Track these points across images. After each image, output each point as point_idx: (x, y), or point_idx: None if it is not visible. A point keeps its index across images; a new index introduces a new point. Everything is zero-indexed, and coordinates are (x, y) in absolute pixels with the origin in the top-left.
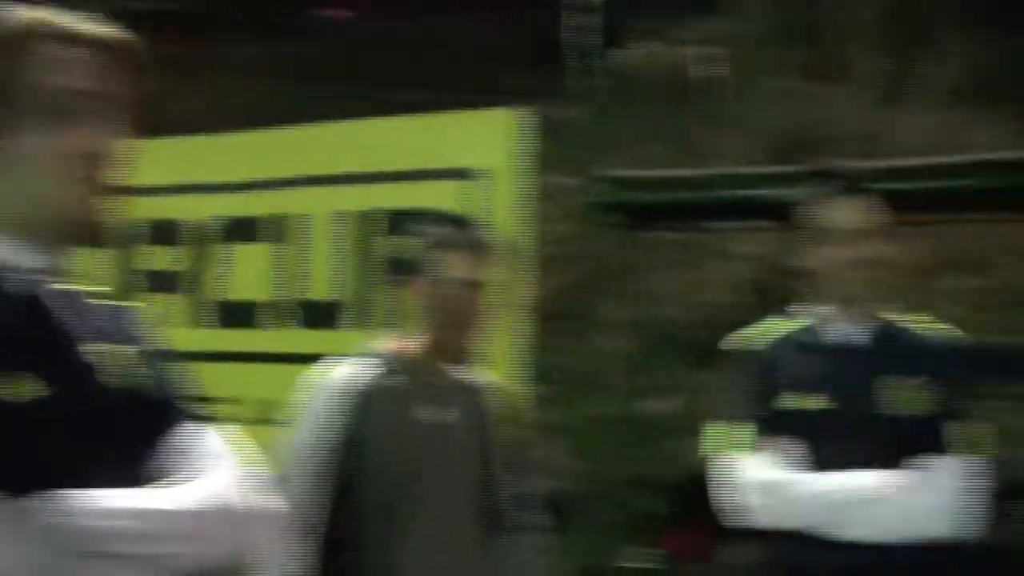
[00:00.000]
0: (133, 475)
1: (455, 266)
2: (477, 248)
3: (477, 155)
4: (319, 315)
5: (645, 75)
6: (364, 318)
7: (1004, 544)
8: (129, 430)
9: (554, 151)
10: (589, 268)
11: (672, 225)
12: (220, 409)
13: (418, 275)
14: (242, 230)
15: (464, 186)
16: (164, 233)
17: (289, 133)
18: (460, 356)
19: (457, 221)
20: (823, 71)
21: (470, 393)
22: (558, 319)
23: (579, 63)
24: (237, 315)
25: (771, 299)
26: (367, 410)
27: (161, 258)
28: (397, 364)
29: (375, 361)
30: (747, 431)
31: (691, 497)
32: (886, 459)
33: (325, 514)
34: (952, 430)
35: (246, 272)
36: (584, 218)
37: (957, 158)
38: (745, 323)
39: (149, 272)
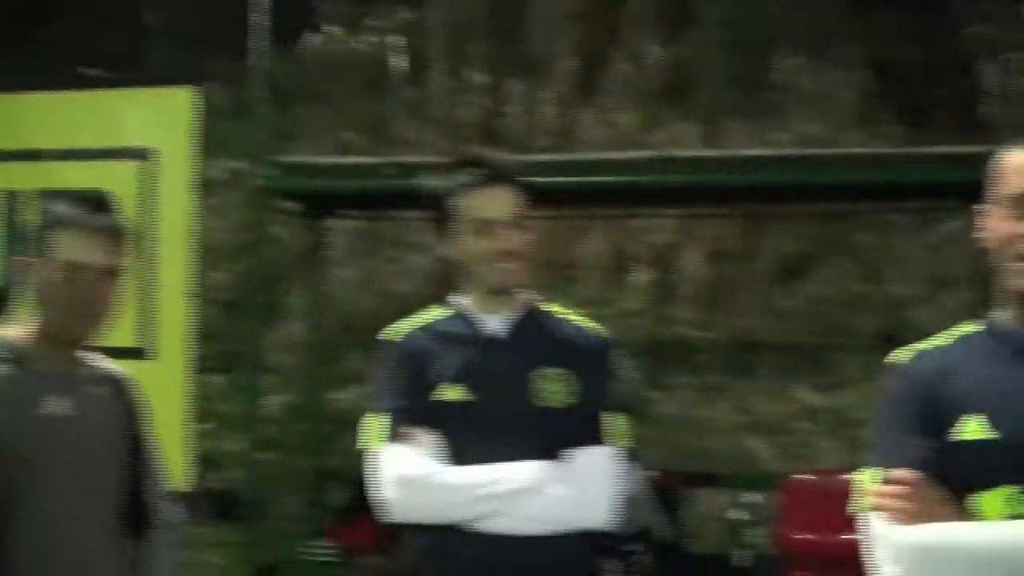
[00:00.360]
0: None
1: (72, 248)
2: (100, 230)
3: (152, 135)
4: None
5: (335, 61)
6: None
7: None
8: None
9: (234, 135)
10: (271, 255)
11: (354, 213)
12: None
13: (36, 257)
14: None
15: (141, 167)
16: None
17: None
18: (80, 344)
19: (88, 201)
20: (515, 65)
21: (98, 384)
22: (241, 307)
23: (264, 46)
24: None
25: (450, 290)
26: None
27: None
28: (13, 352)
29: None
30: (388, 423)
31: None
32: (531, 451)
33: None
34: (598, 422)
35: None
36: (260, 204)
37: (634, 154)
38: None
39: None
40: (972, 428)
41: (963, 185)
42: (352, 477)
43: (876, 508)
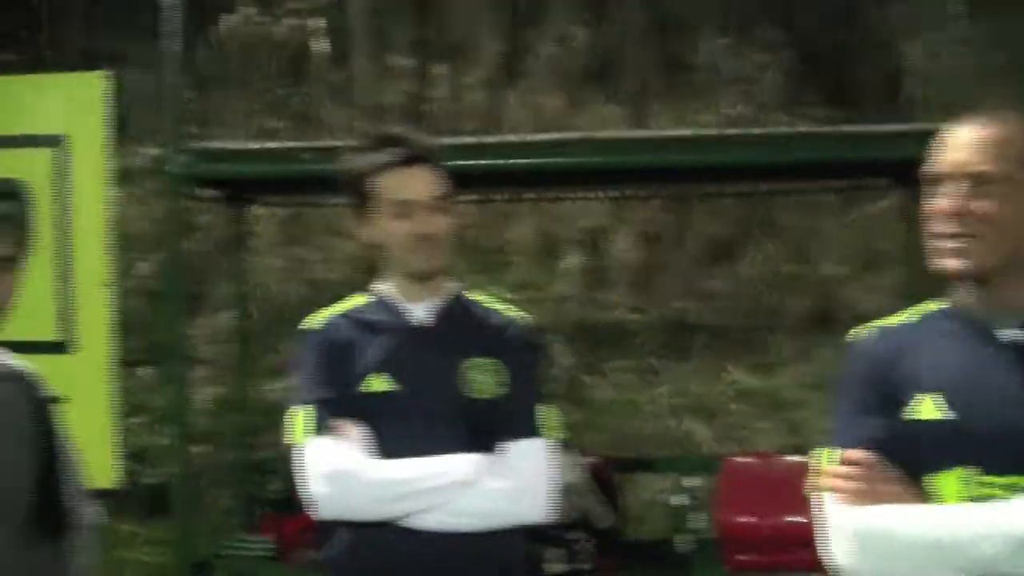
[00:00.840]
0: None
1: None
2: None
3: (61, 121)
4: None
5: (253, 44)
6: None
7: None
8: None
9: (151, 121)
10: (193, 245)
11: (276, 199)
12: None
13: None
14: None
15: (53, 153)
16: None
17: None
18: None
19: None
20: (436, 48)
21: (6, 380)
22: (165, 298)
23: (179, 29)
24: None
25: (376, 276)
26: None
27: None
28: None
29: None
30: (311, 415)
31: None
32: (463, 444)
33: None
34: (528, 413)
35: None
36: (179, 193)
37: (559, 135)
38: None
39: None
40: (927, 408)
41: (888, 164)
42: (284, 470)
43: (830, 489)
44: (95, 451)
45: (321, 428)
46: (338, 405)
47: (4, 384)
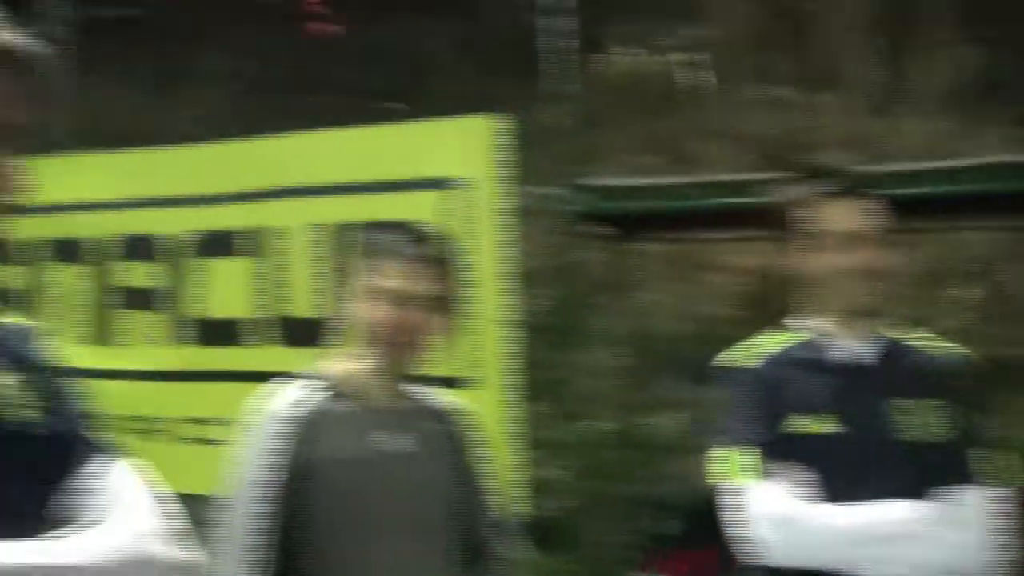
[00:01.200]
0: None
1: (390, 277)
2: (420, 259)
3: (456, 164)
4: (299, 332)
5: (627, 82)
6: (342, 336)
7: None
8: (12, 471)
9: (534, 160)
10: (578, 280)
11: (661, 235)
12: (202, 430)
13: (356, 288)
14: (219, 244)
15: (443, 196)
16: (139, 248)
17: (265, 143)
18: (403, 375)
19: (407, 231)
20: (811, 77)
21: (430, 417)
22: (549, 333)
23: (557, 69)
24: (215, 332)
25: (768, 311)
26: (312, 438)
27: (136, 274)
28: (344, 386)
29: (321, 383)
30: (753, 456)
31: (694, 520)
32: (905, 489)
33: (270, 550)
34: (973, 457)
35: (224, 288)
36: (569, 229)
37: (956, 162)
38: (740, 336)
39: (124, 289)
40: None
41: None
42: (668, 506)
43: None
44: (496, 483)
45: (761, 470)
46: (775, 446)
47: (429, 419)
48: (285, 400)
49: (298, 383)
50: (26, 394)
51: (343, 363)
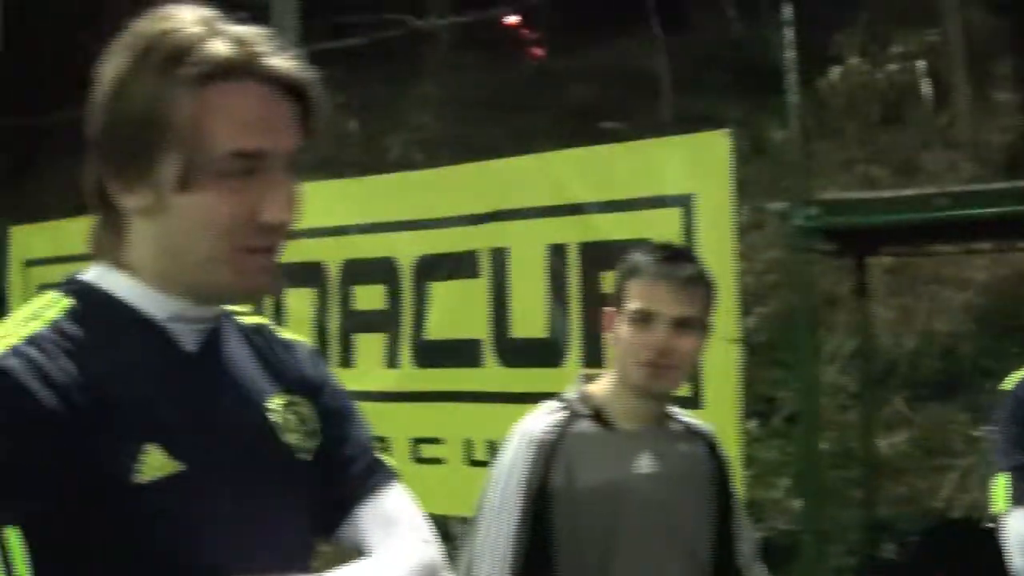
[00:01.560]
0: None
1: (645, 298)
2: (688, 281)
3: (685, 181)
4: (531, 353)
5: (849, 93)
6: (581, 357)
7: None
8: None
9: (760, 175)
10: (803, 296)
11: (888, 249)
12: (424, 450)
13: (616, 310)
14: (449, 266)
15: (674, 214)
16: (367, 272)
17: (497, 165)
18: (665, 399)
19: (666, 251)
20: None
21: (685, 439)
22: (770, 350)
23: (776, 82)
24: (444, 354)
25: (1008, 327)
26: (561, 461)
27: (365, 297)
28: (598, 409)
29: (575, 406)
30: (1010, 483)
31: (921, 547)
32: None
33: (518, 572)
34: None
35: (453, 309)
36: (795, 244)
37: None
38: (969, 352)
39: (352, 312)
40: None
41: None
42: (892, 530)
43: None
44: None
45: (1018, 497)
46: None
47: (684, 441)
48: (540, 421)
49: (554, 404)
50: (298, 418)
51: (601, 385)
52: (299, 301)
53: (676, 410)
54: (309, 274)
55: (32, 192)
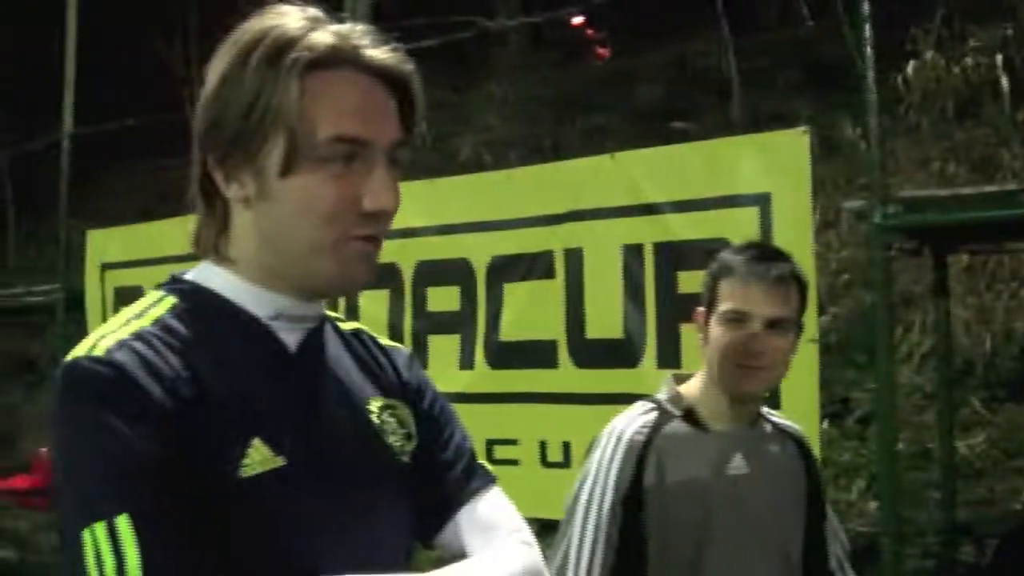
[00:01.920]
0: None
1: (735, 298)
2: (782, 281)
3: (764, 180)
4: (606, 354)
5: (926, 89)
6: (657, 357)
7: None
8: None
9: (831, 173)
10: (881, 295)
11: (970, 247)
12: (499, 451)
13: (706, 310)
14: (524, 267)
15: (751, 213)
16: (445, 273)
17: (571, 165)
18: (757, 399)
19: (758, 251)
20: None
21: (776, 441)
22: (845, 351)
23: (851, 80)
24: (519, 355)
25: None
26: (653, 462)
27: (438, 299)
28: (690, 410)
29: (666, 407)
30: None
31: (1012, 548)
32: None
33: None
34: None
35: (528, 310)
36: (874, 242)
37: None
38: None
39: (426, 313)
40: None
41: None
42: (980, 533)
43: None
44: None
45: None
46: None
47: (775, 443)
48: (632, 422)
49: (645, 405)
50: (396, 421)
51: (692, 386)
52: (373, 303)
53: (767, 410)
54: (383, 276)
55: (106, 196)
